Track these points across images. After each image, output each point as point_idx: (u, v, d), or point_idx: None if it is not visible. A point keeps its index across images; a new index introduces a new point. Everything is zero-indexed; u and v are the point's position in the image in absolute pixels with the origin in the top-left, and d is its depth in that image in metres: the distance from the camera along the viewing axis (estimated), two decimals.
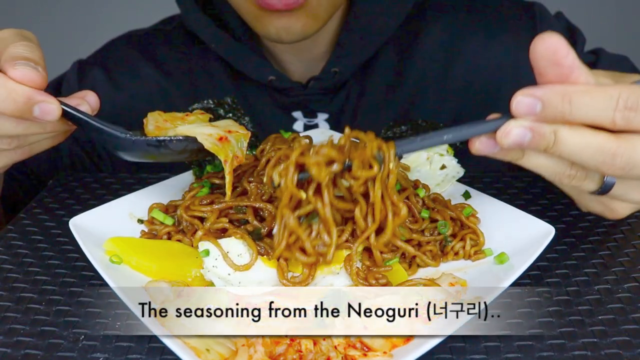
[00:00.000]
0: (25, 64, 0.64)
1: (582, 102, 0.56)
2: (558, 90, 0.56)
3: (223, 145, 0.68)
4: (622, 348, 0.61)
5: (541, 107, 0.56)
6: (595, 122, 0.56)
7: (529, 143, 0.58)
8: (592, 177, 0.61)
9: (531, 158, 0.61)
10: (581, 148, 0.57)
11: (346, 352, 0.58)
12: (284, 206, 0.64)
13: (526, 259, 0.67)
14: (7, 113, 0.64)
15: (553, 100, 0.56)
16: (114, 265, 0.69)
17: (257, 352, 0.58)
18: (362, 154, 0.63)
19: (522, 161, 0.61)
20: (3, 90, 0.63)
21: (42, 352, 0.61)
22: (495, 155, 0.61)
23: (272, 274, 0.68)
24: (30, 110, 0.64)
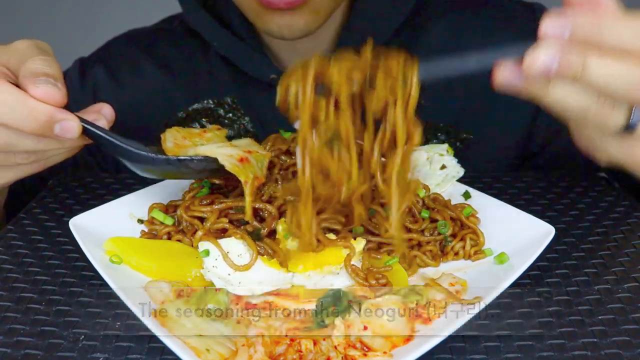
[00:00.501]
0: (46, 81, 0.64)
1: (613, 29, 0.54)
2: (588, 16, 0.55)
3: (244, 166, 0.69)
4: (622, 348, 0.61)
5: (570, 31, 0.55)
6: (626, 49, 0.55)
7: (557, 70, 0.55)
8: (619, 109, 0.58)
9: (557, 90, 0.57)
10: (610, 75, 0.55)
11: (346, 352, 0.58)
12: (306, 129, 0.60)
13: (526, 259, 0.67)
14: (28, 131, 0.64)
15: (583, 25, 0.54)
16: (114, 265, 0.69)
17: (257, 352, 0.58)
18: (387, 66, 0.59)
19: (546, 97, 0.58)
20: (24, 108, 0.63)
21: (42, 352, 0.61)
22: (520, 90, 0.58)
23: (272, 274, 0.68)
24: (51, 129, 0.64)
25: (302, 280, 0.68)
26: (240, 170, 0.68)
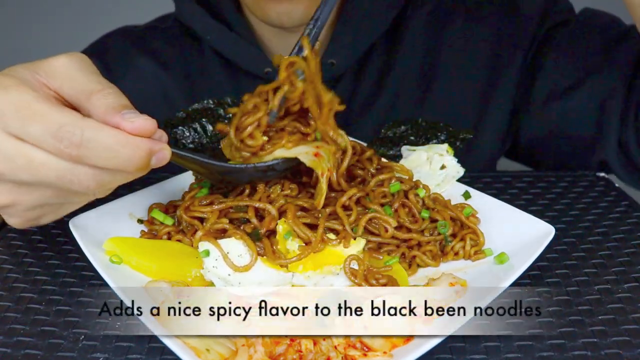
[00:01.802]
0: (135, 114, 0.58)
1: None
2: None
3: (319, 159, 0.72)
4: (622, 348, 0.61)
5: None
6: None
7: None
8: None
9: None
10: None
11: (346, 352, 0.58)
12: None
13: (526, 259, 0.67)
14: (131, 172, 0.58)
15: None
16: (114, 265, 0.69)
17: (257, 352, 0.58)
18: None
19: None
20: (128, 150, 0.56)
21: (42, 352, 0.61)
22: None
23: (272, 274, 0.68)
24: (149, 162, 0.59)
25: (302, 281, 0.68)
26: (318, 163, 0.72)
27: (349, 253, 0.69)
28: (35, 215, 0.63)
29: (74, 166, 0.56)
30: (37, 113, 0.55)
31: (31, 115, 0.55)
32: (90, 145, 0.55)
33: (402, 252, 0.73)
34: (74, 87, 0.59)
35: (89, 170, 0.57)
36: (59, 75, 0.60)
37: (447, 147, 0.88)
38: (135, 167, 0.58)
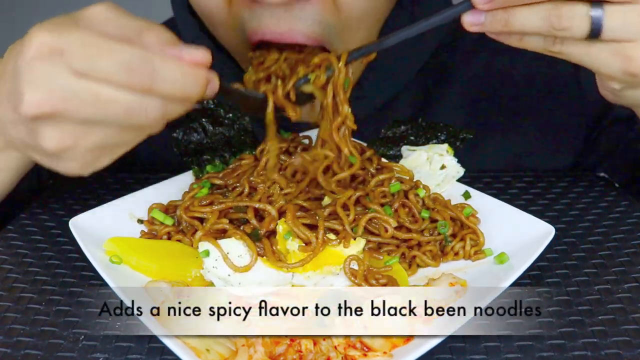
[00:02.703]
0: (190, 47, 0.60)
1: None
2: None
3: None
4: (622, 348, 0.61)
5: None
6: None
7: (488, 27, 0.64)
8: (576, 18, 0.61)
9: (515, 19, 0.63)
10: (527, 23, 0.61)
11: (346, 352, 0.58)
12: None
13: (526, 259, 0.67)
14: (194, 100, 0.61)
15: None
16: (114, 265, 0.69)
17: (257, 352, 0.58)
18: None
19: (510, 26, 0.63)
20: (194, 79, 0.59)
21: (42, 352, 0.61)
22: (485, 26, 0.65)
23: (272, 274, 0.68)
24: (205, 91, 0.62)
25: (302, 281, 0.68)
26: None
27: (349, 253, 0.69)
28: (92, 158, 0.62)
29: (142, 98, 0.57)
30: (103, 48, 0.56)
31: (98, 51, 0.55)
32: (160, 76, 0.57)
33: (402, 252, 0.73)
34: (121, 26, 0.59)
35: (157, 101, 0.58)
36: (101, 19, 0.59)
37: (447, 147, 0.88)
38: (197, 95, 0.60)
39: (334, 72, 0.74)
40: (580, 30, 0.61)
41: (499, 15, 0.63)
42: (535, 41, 0.65)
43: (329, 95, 0.75)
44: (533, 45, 0.65)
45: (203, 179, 0.82)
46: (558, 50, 0.64)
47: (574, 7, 0.60)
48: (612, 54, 0.63)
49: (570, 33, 0.61)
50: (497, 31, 0.65)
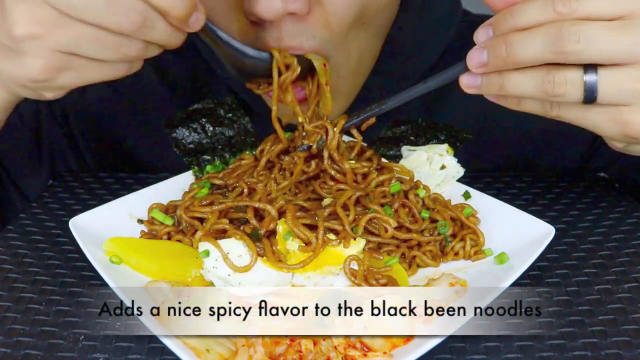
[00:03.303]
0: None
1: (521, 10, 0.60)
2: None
3: (325, 69, 0.82)
4: (622, 348, 0.61)
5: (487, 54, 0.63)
6: (540, 21, 0.59)
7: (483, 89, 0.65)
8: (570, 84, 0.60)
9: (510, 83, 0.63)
10: (527, 53, 0.59)
11: (346, 352, 0.58)
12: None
13: (526, 259, 0.67)
14: (174, 14, 0.61)
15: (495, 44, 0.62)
16: (114, 265, 0.69)
17: (257, 352, 0.58)
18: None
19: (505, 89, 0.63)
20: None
21: (42, 352, 0.61)
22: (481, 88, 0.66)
23: (272, 274, 0.68)
24: (189, 16, 0.62)
25: (302, 281, 0.68)
26: (323, 72, 0.81)
27: (349, 253, 0.69)
28: (57, 62, 0.61)
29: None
30: None
31: None
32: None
33: (402, 252, 0.73)
34: None
35: (139, 3, 0.59)
36: None
37: (447, 147, 0.88)
38: (181, 12, 0.61)
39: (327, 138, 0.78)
40: (574, 96, 0.60)
41: (494, 79, 0.63)
42: (532, 105, 0.64)
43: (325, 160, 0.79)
44: (531, 108, 0.65)
45: (203, 179, 0.82)
46: (556, 114, 0.63)
47: (567, 72, 0.59)
48: (609, 118, 0.61)
49: (564, 99, 0.60)
50: (493, 94, 0.65)
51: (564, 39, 0.57)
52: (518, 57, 0.60)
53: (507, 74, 0.62)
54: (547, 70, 0.60)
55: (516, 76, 0.62)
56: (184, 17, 0.62)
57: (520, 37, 0.60)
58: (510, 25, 0.61)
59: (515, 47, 0.60)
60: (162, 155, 1.02)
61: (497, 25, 0.62)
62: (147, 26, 0.60)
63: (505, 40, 0.60)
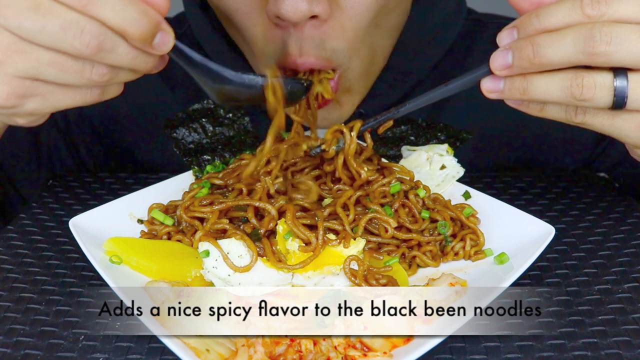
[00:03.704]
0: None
1: (549, 12, 0.58)
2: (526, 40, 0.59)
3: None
4: (622, 348, 0.61)
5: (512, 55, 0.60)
6: (568, 23, 0.57)
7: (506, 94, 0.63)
8: (599, 88, 0.58)
9: (534, 86, 0.61)
10: (556, 54, 0.57)
11: (346, 352, 0.58)
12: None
13: (526, 259, 0.67)
14: (133, 36, 0.58)
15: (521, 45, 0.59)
16: (114, 265, 0.69)
17: (257, 352, 0.58)
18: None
19: (528, 94, 0.61)
20: (136, 9, 0.57)
21: (42, 352, 0.61)
22: (504, 93, 0.63)
23: (272, 274, 0.68)
24: (152, 38, 0.59)
25: (302, 281, 0.68)
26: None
27: (349, 253, 0.69)
28: (20, 89, 0.60)
29: (80, 17, 0.56)
30: None
31: None
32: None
33: (402, 252, 0.73)
34: None
35: (95, 25, 0.57)
36: None
37: (447, 147, 0.88)
38: (139, 33, 0.58)
39: (345, 142, 0.76)
40: (603, 101, 0.58)
41: (518, 83, 0.61)
42: (556, 111, 0.62)
43: (339, 165, 0.77)
44: (554, 115, 0.63)
45: (203, 179, 0.82)
46: (581, 121, 0.61)
47: (597, 76, 0.58)
48: (636, 125, 0.60)
49: (592, 104, 0.58)
50: (516, 98, 0.63)
51: (596, 40, 0.55)
52: (546, 58, 0.58)
53: (532, 77, 0.60)
54: (576, 73, 0.58)
55: (541, 79, 0.60)
56: (144, 38, 0.59)
57: (548, 38, 0.58)
58: (536, 27, 0.59)
59: (543, 48, 0.58)
60: (162, 155, 1.01)
61: (522, 26, 0.60)
62: (105, 49, 0.58)
63: (532, 42, 0.58)
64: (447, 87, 0.68)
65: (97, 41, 0.57)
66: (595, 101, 0.58)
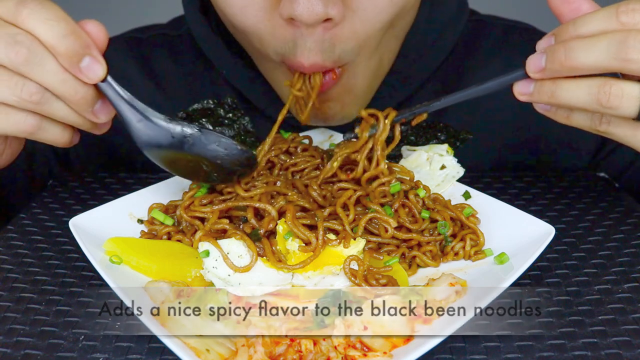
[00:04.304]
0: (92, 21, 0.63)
1: (585, 20, 0.60)
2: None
3: None
4: (622, 348, 0.61)
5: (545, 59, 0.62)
6: (603, 30, 0.59)
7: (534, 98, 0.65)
8: (626, 97, 0.59)
9: (562, 92, 0.62)
10: (588, 58, 0.59)
11: (346, 352, 0.58)
12: None
13: (526, 259, 0.67)
14: (61, 52, 0.60)
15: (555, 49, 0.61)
16: (114, 265, 0.69)
17: (257, 352, 0.58)
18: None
19: (557, 98, 0.63)
20: (65, 28, 0.60)
21: (42, 352, 0.61)
22: (534, 97, 0.65)
23: (272, 274, 0.68)
24: (79, 59, 0.61)
25: (302, 281, 0.68)
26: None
27: (349, 253, 0.69)
28: None
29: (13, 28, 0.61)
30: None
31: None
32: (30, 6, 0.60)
33: (402, 252, 0.73)
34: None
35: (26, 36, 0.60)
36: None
37: (447, 147, 0.88)
38: (66, 49, 0.60)
39: (377, 129, 0.77)
40: (629, 110, 0.59)
41: (547, 86, 0.63)
42: (582, 119, 0.64)
43: (365, 150, 0.78)
44: (580, 122, 0.65)
45: None
46: (604, 130, 0.63)
47: (625, 85, 0.59)
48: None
49: (617, 112, 0.60)
50: (544, 101, 0.64)
51: (630, 46, 0.57)
52: (577, 61, 0.59)
53: (561, 81, 0.62)
54: (604, 80, 0.59)
55: (570, 84, 0.61)
56: (70, 55, 0.61)
57: (582, 42, 0.59)
58: (571, 33, 0.61)
59: (575, 51, 0.59)
60: None
61: (559, 33, 0.62)
62: (34, 61, 0.61)
63: (565, 45, 0.60)
64: (483, 86, 0.70)
65: (27, 50, 0.60)
66: (621, 110, 0.59)
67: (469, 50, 1.03)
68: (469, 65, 1.02)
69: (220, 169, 0.73)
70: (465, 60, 1.02)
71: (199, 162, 0.73)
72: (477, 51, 1.03)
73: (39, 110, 0.65)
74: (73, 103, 0.65)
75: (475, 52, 1.03)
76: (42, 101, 0.64)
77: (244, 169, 0.75)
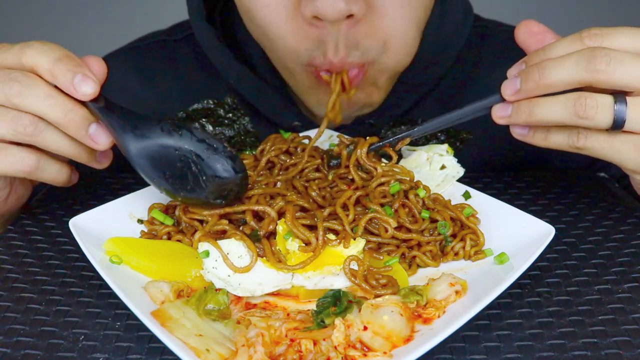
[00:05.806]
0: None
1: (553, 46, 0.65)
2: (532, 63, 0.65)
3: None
4: (622, 348, 0.61)
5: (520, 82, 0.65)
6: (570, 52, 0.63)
7: (512, 120, 0.67)
8: (600, 107, 0.62)
9: (540, 110, 0.65)
10: (560, 74, 0.62)
11: (346, 352, 0.58)
12: None
13: (526, 259, 0.67)
14: (55, 74, 0.65)
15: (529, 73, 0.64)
16: (114, 265, 0.69)
17: (257, 352, 0.57)
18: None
19: (536, 116, 0.65)
20: (60, 52, 0.65)
21: (42, 352, 0.61)
22: (512, 118, 0.68)
23: (272, 275, 0.68)
24: (73, 77, 0.65)
25: (302, 281, 0.68)
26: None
27: (349, 253, 0.69)
28: None
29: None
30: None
31: None
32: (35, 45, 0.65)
33: (402, 252, 0.73)
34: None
35: (22, 72, 0.65)
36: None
37: (447, 147, 0.88)
38: (60, 70, 0.64)
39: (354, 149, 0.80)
40: (604, 120, 0.62)
41: (524, 106, 0.65)
42: (560, 138, 0.67)
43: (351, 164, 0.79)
44: (558, 142, 0.67)
45: None
46: (582, 145, 0.65)
47: (598, 97, 0.62)
48: (635, 146, 0.64)
49: (593, 122, 0.63)
50: (522, 121, 0.67)
51: (597, 58, 0.61)
52: (550, 78, 0.62)
53: (537, 100, 0.65)
54: (579, 94, 0.63)
55: (546, 101, 0.64)
56: (65, 73, 0.65)
57: (553, 61, 0.63)
58: (542, 58, 0.65)
59: (548, 69, 0.63)
60: None
61: (529, 60, 0.66)
62: (25, 92, 0.65)
63: (538, 66, 0.64)
64: (461, 111, 0.72)
65: (19, 83, 0.64)
66: (596, 120, 0.62)
67: (474, 59, 1.03)
68: (473, 74, 1.02)
69: (212, 181, 0.73)
70: (470, 69, 1.02)
71: (189, 163, 0.73)
72: (481, 60, 1.03)
73: (34, 142, 0.68)
74: (64, 126, 0.67)
75: (480, 61, 1.03)
76: (35, 132, 0.67)
77: (235, 187, 0.74)
